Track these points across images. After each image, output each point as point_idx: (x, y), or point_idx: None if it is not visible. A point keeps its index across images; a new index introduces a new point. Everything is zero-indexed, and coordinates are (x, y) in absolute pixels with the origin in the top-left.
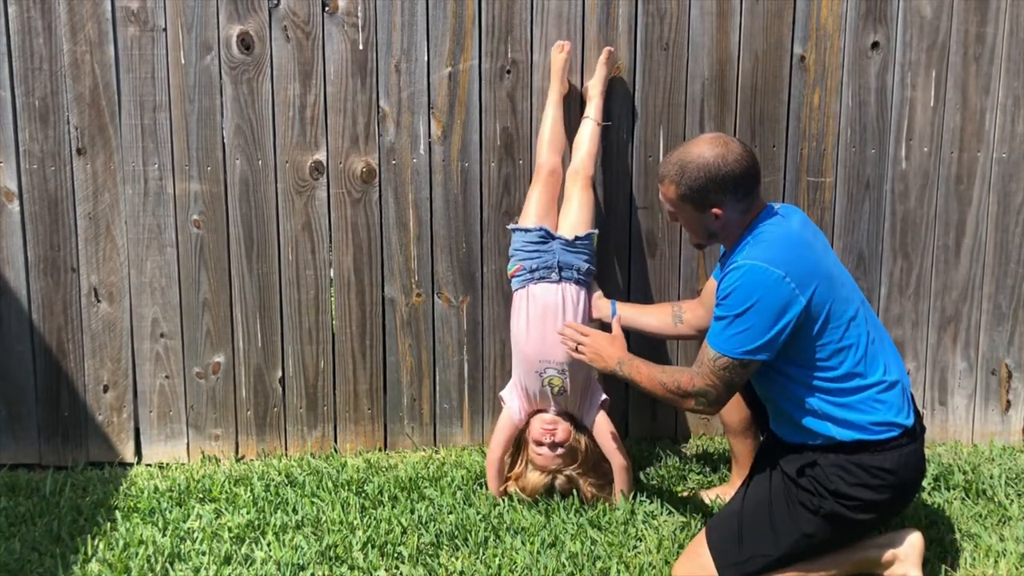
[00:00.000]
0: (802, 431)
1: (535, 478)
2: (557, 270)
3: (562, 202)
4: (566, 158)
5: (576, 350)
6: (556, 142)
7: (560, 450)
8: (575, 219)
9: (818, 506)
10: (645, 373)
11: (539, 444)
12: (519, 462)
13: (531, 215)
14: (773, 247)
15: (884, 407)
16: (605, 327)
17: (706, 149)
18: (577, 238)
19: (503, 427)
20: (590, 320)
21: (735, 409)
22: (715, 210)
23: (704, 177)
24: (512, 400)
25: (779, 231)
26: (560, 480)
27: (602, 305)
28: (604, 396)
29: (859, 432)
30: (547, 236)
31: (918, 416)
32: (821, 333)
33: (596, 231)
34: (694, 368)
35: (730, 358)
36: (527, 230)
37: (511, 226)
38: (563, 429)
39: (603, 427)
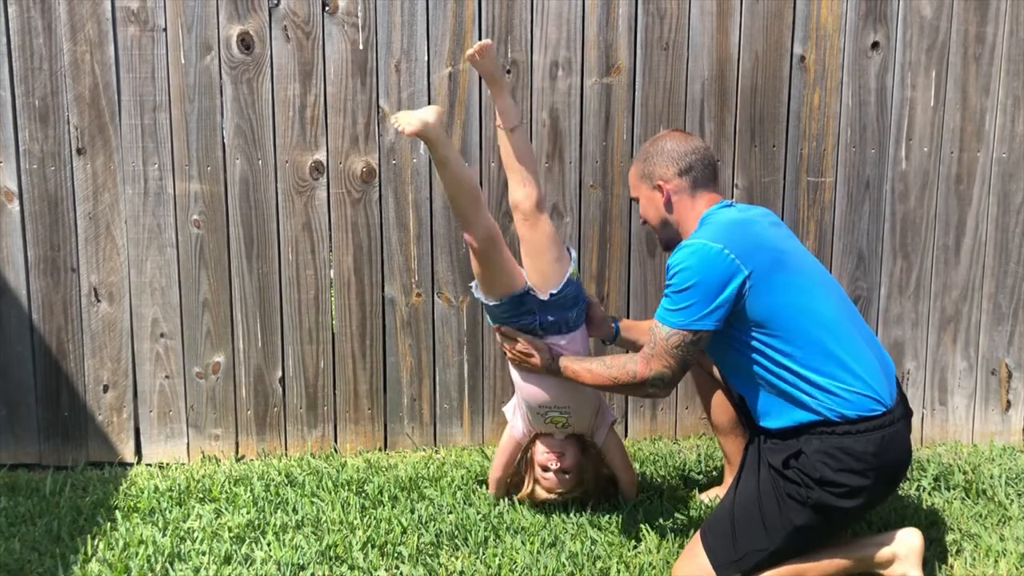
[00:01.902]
0: (780, 413)
1: (541, 496)
2: (540, 331)
3: (519, 242)
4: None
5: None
6: (476, 198)
7: (567, 476)
8: (544, 268)
9: (806, 496)
10: (584, 370)
11: (545, 469)
12: (526, 483)
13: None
14: (715, 228)
15: (858, 382)
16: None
17: (668, 136)
18: (552, 295)
19: (506, 447)
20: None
21: (722, 409)
22: (660, 182)
23: (656, 153)
24: (515, 419)
25: (725, 217)
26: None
27: (604, 327)
28: (614, 416)
29: (835, 405)
30: (518, 299)
31: (904, 402)
32: (774, 306)
33: (571, 268)
34: (646, 352)
35: (681, 332)
36: (495, 304)
37: (474, 292)
38: (571, 455)
39: (612, 444)
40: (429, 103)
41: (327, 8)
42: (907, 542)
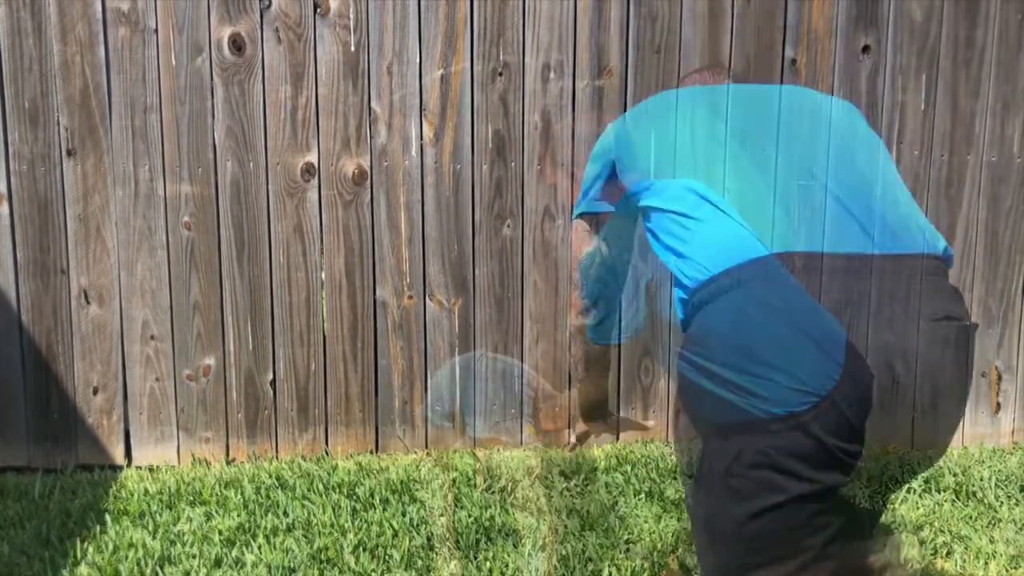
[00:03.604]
0: (717, 416)
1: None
2: None
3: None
4: None
5: None
6: None
7: None
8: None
9: (754, 493)
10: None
11: None
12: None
13: None
14: None
15: (784, 375)
16: None
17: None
18: None
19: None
20: None
21: None
22: None
23: None
24: None
25: None
26: None
27: None
28: None
29: (761, 402)
30: None
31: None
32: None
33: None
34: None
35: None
36: None
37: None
38: None
39: None
40: (421, 105)
41: (319, 10)
42: (902, 545)
